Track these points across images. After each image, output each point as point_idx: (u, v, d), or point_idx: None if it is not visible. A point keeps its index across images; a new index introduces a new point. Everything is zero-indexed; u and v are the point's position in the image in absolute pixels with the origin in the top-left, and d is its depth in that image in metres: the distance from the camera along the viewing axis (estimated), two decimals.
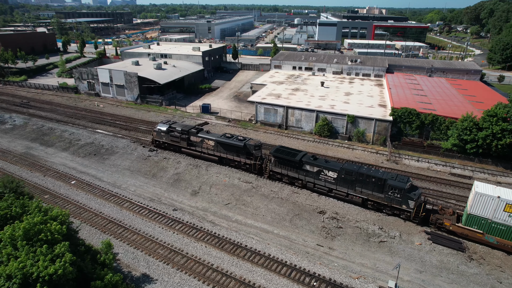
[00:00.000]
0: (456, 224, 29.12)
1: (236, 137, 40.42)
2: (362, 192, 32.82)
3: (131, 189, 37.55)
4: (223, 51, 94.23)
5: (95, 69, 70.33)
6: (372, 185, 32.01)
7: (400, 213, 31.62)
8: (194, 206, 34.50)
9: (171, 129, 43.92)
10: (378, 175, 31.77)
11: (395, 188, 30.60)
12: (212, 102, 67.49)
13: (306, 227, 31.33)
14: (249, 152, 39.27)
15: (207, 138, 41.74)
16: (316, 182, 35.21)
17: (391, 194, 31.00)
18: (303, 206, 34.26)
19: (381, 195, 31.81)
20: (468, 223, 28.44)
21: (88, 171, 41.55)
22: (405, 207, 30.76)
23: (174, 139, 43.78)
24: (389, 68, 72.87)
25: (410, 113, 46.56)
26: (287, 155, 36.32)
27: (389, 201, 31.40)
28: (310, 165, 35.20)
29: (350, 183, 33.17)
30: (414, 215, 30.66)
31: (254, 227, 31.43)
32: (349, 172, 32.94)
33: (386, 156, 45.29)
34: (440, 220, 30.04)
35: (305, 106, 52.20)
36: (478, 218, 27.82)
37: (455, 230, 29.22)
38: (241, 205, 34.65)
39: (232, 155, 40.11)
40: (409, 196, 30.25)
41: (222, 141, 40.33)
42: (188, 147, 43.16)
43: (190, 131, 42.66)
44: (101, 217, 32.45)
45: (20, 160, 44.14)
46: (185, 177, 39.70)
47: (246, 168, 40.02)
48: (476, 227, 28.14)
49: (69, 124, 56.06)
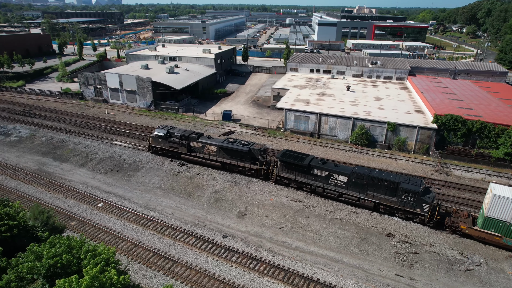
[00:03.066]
0: (473, 227, 28.58)
1: (239, 142, 38.94)
2: (374, 196, 31.99)
3: (168, 212, 33.50)
4: (233, 53, 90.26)
5: (103, 73, 65.44)
6: (384, 189, 31.26)
7: (414, 217, 30.95)
8: (245, 231, 30.77)
9: (169, 134, 41.96)
10: (391, 179, 31.09)
11: (409, 191, 29.95)
12: (230, 108, 63.67)
13: (378, 254, 28.05)
14: (254, 157, 37.80)
15: (209, 143, 39.85)
16: (326, 187, 34.14)
17: (405, 197, 30.35)
18: (366, 228, 30.98)
19: (394, 199, 31.06)
20: (485, 226, 27.88)
21: (114, 191, 37.22)
22: (419, 210, 30.08)
23: (173, 145, 41.93)
24: (411, 70, 70.46)
25: (455, 120, 43.90)
26: (294, 159, 35.09)
27: (403, 205, 30.74)
28: (319, 170, 34.13)
29: (362, 187, 32.29)
30: (428, 219, 30.09)
31: (319, 255, 27.96)
32: (360, 176, 32.09)
33: (433, 166, 42.53)
34: (455, 224, 29.46)
35: (340, 113, 48.99)
36: (496, 221, 27.29)
37: (472, 234, 28.66)
38: (298, 228, 31.11)
39: (236, 161, 38.42)
40: (423, 200, 29.54)
41: (226, 146, 38.62)
42: (188, 153, 41.33)
43: (190, 136, 40.82)
44: (142, 249, 28.36)
45: (34, 178, 39.40)
46: (226, 196, 35.87)
47: (251, 173, 38.48)
48: (494, 230, 27.60)
49: (82, 135, 51.27)
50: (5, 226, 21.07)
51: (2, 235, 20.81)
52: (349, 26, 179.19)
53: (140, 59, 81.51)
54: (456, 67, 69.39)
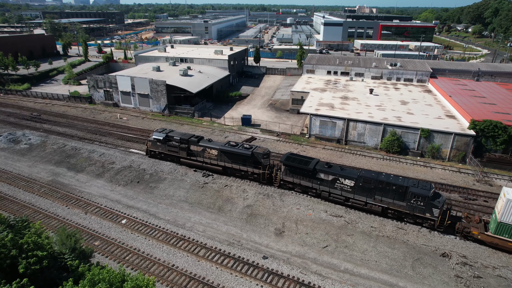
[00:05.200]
0: (485, 233, 27.74)
1: (241, 145, 37.97)
2: (382, 201, 31.08)
3: (199, 229, 30.87)
4: (245, 54, 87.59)
5: (114, 76, 62.68)
6: (393, 193, 30.39)
7: (423, 222, 30.12)
8: (287, 251, 28.19)
9: (168, 138, 40.82)
10: (399, 183, 30.19)
11: (418, 195, 29.14)
12: (247, 111, 61.14)
13: (436, 277, 25.55)
14: (257, 161, 36.68)
15: (210, 147, 38.85)
16: (332, 191, 33.28)
17: (414, 202, 29.52)
18: (418, 246, 28.48)
19: (402, 203, 30.19)
20: (499, 232, 27.00)
21: (137, 205, 34.54)
22: (429, 215, 29.32)
23: (172, 149, 40.91)
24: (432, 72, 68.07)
25: (495, 126, 41.51)
26: (299, 163, 34.18)
27: (412, 210, 29.93)
28: (324, 173, 33.23)
29: (369, 192, 31.39)
30: (439, 224, 29.39)
31: (372, 279, 25.44)
32: (368, 180, 31.23)
33: (472, 175, 40.13)
34: (467, 229, 28.64)
35: (369, 118, 46.50)
36: (510, 226, 26.43)
37: (484, 239, 27.86)
38: (343, 247, 28.58)
39: (238, 165, 37.39)
40: (433, 204, 28.76)
41: (227, 150, 37.56)
42: (188, 158, 40.34)
43: (190, 140, 39.81)
44: (177, 273, 25.71)
45: (50, 191, 36.61)
46: (260, 210, 33.28)
47: (253, 178, 37.46)
48: (507, 236, 26.74)
49: (95, 142, 48.55)
50: (34, 258, 18.43)
51: (32, 268, 18.16)
52: (355, 26, 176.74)
53: (149, 61, 78.79)
54: (479, 69, 67.08)
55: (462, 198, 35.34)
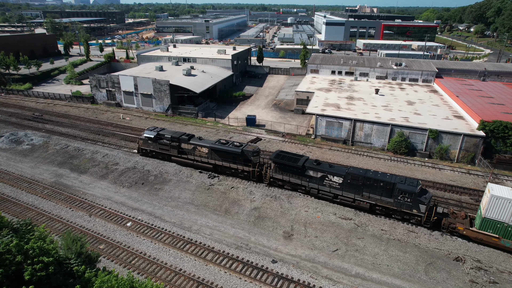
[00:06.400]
0: (470, 228, 28.18)
1: (232, 143, 38.33)
2: (369, 198, 31.48)
3: (206, 233, 30.24)
4: (248, 54, 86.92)
5: (117, 76, 62.04)
6: (380, 190, 30.73)
7: (410, 218, 30.48)
8: (296, 255, 27.57)
9: (159, 136, 41.27)
10: (387, 179, 30.51)
11: (405, 192, 29.52)
12: (251, 112, 60.52)
13: (450, 282, 24.91)
14: (247, 159, 37.01)
15: (200, 145, 39.13)
16: (321, 188, 33.66)
17: (401, 198, 29.94)
18: (430, 250, 27.85)
19: (390, 199, 30.60)
20: (483, 227, 27.51)
21: (142, 207, 33.92)
22: (415, 211, 29.73)
23: (163, 147, 41.26)
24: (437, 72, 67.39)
25: (505, 127, 40.87)
26: (288, 160, 34.48)
27: (399, 206, 30.34)
28: (313, 171, 33.53)
29: (357, 188, 31.79)
30: (425, 220, 29.70)
31: (384, 284, 24.80)
32: (356, 177, 31.55)
33: (482, 177, 39.48)
34: (452, 225, 29.05)
35: (376, 119, 45.86)
36: (494, 222, 26.93)
37: (469, 235, 28.34)
38: (354, 251, 27.95)
39: (229, 163, 37.73)
40: (420, 200, 29.15)
41: (217, 148, 37.92)
42: (178, 156, 40.66)
43: (181, 138, 40.08)
44: (184, 278, 25.10)
45: (53, 193, 35.99)
46: (267, 213, 32.65)
47: (244, 175, 37.75)
48: (492, 231, 27.23)
49: (98, 143, 47.92)
50: (40, 264, 17.78)
51: (37, 274, 17.53)
52: (357, 26, 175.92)
53: (152, 60, 78.16)
54: (486, 69, 66.40)
55: (473, 200, 34.72)
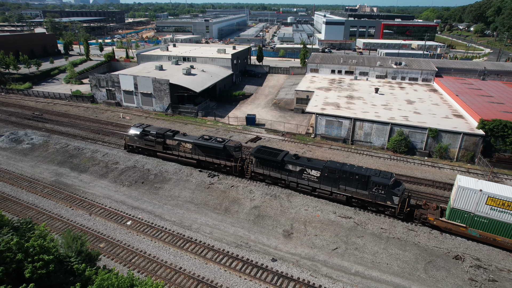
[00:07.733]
0: (440, 218, 29.17)
1: (214, 139, 39.19)
2: (346, 190, 32.38)
3: (206, 231, 30.30)
4: (248, 53, 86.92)
5: (117, 75, 62.06)
6: (356, 183, 31.60)
7: (385, 210, 31.30)
8: (296, 254, 27.63)
9: (145, 132, 42.29)
10: (362, 172, 31.34)
11: (379, 184, 30.30)
12: (251, 111, 60.57)
13: (450, 281, 24.98)
14: (229, 154, 38.00)
15: (184, 141, 39.99)
16: (299, 182, 34.46)
17: (375, 190, 30.76)
18: (429, 249, 27.92)
19: (365, 192, 31.45)
20: (452, 217, 28.49)
21: (142, 206, 33.98)
22: (389, 203, 30.53)
23: (149, 143, 42.25)
24: (437, 71, 67.43)
25: (505, 126, 40.92)
26: (268, 155, 35.32)
27: (374, 198, 31.19)
28: (292, 165, 34.37)
29: (334, 181, 32.63)
30: (398, 211, 30.52)
31: (384, 282, 24.86)
32: (332, 170, 32.35)
33: (482, 176, 39.52)
34: (424, 215, 29.96)
35: (376, 118, 45.92)
36: (461, 212, 27.92)
37: (439, 225, 29.24)
38: (353, 249, 28.01)
39: (212, 158, 38.72)
40: (393, 192, 30.01)
41: (201, 144, 38.81)
42: (164, 151, 41.54)
43: (166, 134, 40.97)
44: (184, 276, 25.16)
45: (53, 192, 36.04)
46: (267, 211, 32.71)
47: (226, 170, 38.64)
48: (459, 221, 28.23)
49: (98, 142, 47.97)
50: (41, 262, 17.83)
51: (38, 272, 17.59)
52: (357, 25, 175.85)
53: (151, 60, 78.18)
54: (485, 68, 66.44)
55: None
